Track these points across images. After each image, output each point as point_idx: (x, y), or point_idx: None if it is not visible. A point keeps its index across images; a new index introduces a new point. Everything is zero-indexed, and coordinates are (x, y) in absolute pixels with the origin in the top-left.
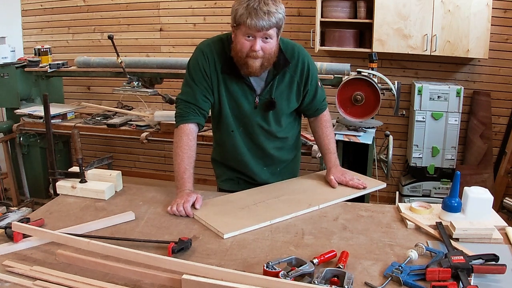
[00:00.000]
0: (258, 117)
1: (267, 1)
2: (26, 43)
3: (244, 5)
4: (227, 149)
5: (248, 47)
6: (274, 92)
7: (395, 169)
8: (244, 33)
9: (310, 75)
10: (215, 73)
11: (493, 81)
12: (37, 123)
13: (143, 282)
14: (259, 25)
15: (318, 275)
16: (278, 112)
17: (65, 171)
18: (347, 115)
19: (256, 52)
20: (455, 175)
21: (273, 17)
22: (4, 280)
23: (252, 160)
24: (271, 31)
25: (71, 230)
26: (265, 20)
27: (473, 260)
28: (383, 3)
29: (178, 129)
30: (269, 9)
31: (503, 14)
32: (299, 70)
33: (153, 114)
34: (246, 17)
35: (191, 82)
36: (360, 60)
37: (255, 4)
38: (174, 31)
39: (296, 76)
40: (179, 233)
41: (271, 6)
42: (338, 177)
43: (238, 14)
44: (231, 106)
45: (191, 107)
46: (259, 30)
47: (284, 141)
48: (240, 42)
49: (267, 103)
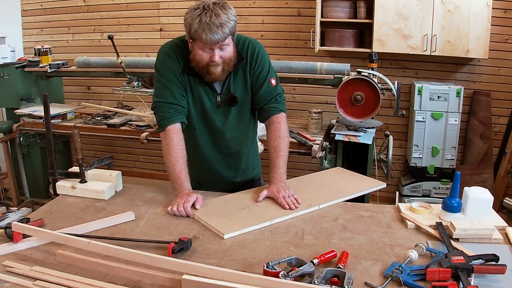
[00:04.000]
0: (222, 115)
1: (217, 11)
2: (26, 43)
3: (197, 20)
4: (189, 147)
5: (207, 59)
6: (233, 88)
7: (395, 169)
8: (201, 47)
9: (259, 59)
10: (182, 73)
11: (493, 81)
12: (37, 123)
13: (143, 282)
14: (215, 39)
15: (318, 275)
16: (240, 106)
17: (65, 171)
18: (347, 115)
19: (216, 61)
20: (455, 175)
21: (226, 27)
22: (4, 280)
23: (215, 157)
24: (226, 40)
25: (71, 230)
26: (219, 33)
27: (473, 260)
28: (383, 3)
29: (166, 131)
30: (221, 21)
31: (503, 14)
32: (249, 59)
33: (153, 114)
34: (200, 33)
35: (167, 82)
36: (360, 60)
37: (206, 18)
38: (174, 31)
39: (248, 65)
40: (179, 233)
41: (222, 17)
42: (272, 191)
43: (192, 29)
44: (195, 106)
45: (173, 107)
46: (215, 43)
47: (244, 136)
48: (199, 54)
49: (229, 99)
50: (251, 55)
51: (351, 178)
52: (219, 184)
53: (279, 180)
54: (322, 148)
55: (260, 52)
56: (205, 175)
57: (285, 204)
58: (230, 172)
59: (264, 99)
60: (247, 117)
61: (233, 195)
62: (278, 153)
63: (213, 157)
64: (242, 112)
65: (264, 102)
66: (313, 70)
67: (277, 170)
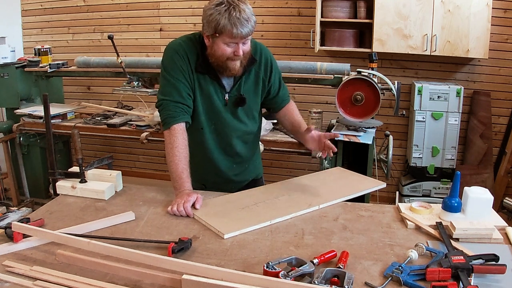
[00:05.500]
0: (228, 113)
1: (243, 7)
2: (26, 43)
3: (226, 15)
4: (194, 147)
5: (230, 53)
6: (243, 89)
7: (395, 169)
8: (226, 41)
9: (273, 69)
10: (191, 71)
11: (493, 81)
12: (37, 123)
13: (143, 282)
14: (245, 33)
15: (318, 275)
16: (247, 108)
17: (65, 171)
18: (347, 115)
19: (240, 55)
20: (455, 175)
21: (252, 21)
22: (4, 280)
23: (220, 157)
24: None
25: (71, 230)
26: (248, 27)
27: (473, 260)
28: (383, 3)
29: (171, 129)
30: (247, 16)
31: (503, 14)
32: (263, 65)
33: (153, 114)
34: (230, 28)
35: (173, 80)
36: (360, 60)
37: (236, 13)
38: (174, 31)
39: (261, 72)
40: (179, 233)
41: (247, 12)
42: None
43: (220, 24)
44: (204, 104)
45: (179, 106)
46: (245, 37)
47: (250, 137)
48: (221, 48)
49: (237, 99)
50: (266, 62)
51: (351, 178)
52: (223, 184)
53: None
54: None
55: (272, 60)
56: (210, 175)
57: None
58: (234, 172)
59: (283, 96)
60: (253, 118)
61: (233, 195)
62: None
63: (218, 157)
64: (249, 113)
65: (283, 98)
66: (313, 70)
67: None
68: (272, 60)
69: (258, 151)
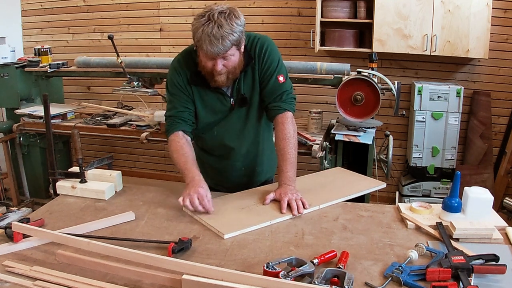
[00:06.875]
0: (236, 117)
1: (221, 22)
2: (26, 43)
3: (200, 29)
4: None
5: (211, 67)
6: (243, 89)
7: (395, 169)
8: (204, 56)
9: (266, 56)
10: (189, 86)
11: (493, 81)
12: (37, 123)
13: (143, 282)
14: (215, 52)
15: (318, 275)
16: (253, 107)
17: (65, 171)
18: (347, 115)
19: (218, 71)
20: (455, 175)
21: (228, 40)
22: (4, 280)
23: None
24: (229, 51)
25: (71, 230)
26: (219, 46)
27: (473, 260)
28: (383, 3)
29: (169, 140)
30: (222, 34)
31: (503, 14)
32: (257, 56)
33: (153, 114)
34: (201, 43)
35: (171, 97)
36: (360, 60)
37: (209, 29)
38: (174, 31)
39: (256, 63)
40: (179, 233)
41: (225, 28)
42: (278, 194)
43: (196, 37)
44: (207, 113)
45: (175, 120)
46: (216, 55)
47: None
48: (203, 61)
49: (240, 100)
50: (259, 52)
51: (351, 178)
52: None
53: (286, 184)
54: (322, 148)
55: (268, 47)
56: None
57: (283, 208)
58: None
59: (269, 96)
60: (260, 117)
61: (233, 195)
62: (284, 156)
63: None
64: (255, 112)
65: (269, 100)
66: (313, 70)
67: (284, 174)
68: (269, 46)
69: (271, 151)
